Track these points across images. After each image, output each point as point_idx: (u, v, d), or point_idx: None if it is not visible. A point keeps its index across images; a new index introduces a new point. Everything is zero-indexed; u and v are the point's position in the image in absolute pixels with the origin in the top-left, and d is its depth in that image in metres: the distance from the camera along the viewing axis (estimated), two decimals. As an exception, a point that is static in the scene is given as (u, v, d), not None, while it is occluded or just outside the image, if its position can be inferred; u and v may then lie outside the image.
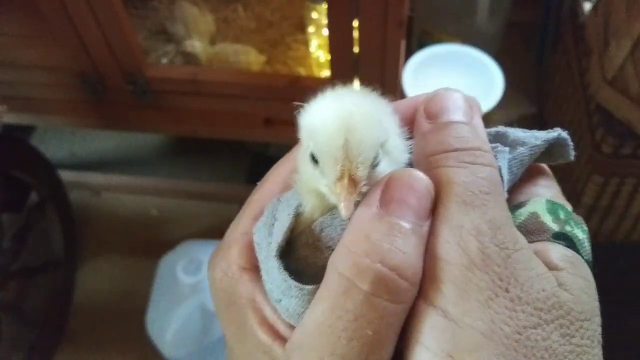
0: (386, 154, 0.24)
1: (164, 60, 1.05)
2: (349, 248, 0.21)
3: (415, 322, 0.21)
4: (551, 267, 0.22)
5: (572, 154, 0.28)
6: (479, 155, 0.23)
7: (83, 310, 1.25)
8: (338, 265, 0.21)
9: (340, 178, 0.22)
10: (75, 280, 1.26)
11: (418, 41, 1.34)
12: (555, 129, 0.27)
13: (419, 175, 0.22)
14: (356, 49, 0.84)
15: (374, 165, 0.23)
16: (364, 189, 0.23)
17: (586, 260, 0.24)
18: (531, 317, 0.20)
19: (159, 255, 1.15)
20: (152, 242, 1.28)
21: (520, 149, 0.26)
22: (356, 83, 0.75)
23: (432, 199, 0.22)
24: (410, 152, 0.25)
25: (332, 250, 0.23)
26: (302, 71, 1.03)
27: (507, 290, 0.20)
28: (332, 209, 0.24)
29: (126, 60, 0.92)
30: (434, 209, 0.22)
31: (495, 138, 0.27)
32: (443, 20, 1.28)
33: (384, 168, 0.24)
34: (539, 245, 0.23)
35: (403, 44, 0.88)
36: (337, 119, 0.23)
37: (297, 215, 0.25)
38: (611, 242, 1.23)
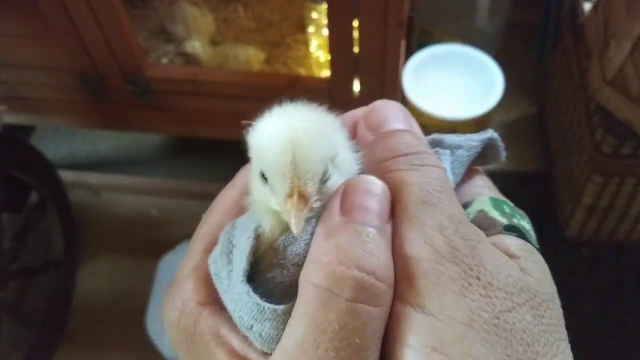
0: (336, 168, 0.24)
1: (164, 60, 1.05)
2: (321, 259, 0.21)
3: (395, 324, 0.21)
4: (510, 255, 0.23)
5: (503, 155, 0.29)
6: (426, 158, 0.24)
7: (83, 310, 1.25)
8: (313, 279, 0.21)
9: (289, 195, 0.22)
10: (75, 280, 1.26)
11: (418, 41, 1.34)
12: (488, 130, 0.28)
13: (374, 179, 0.23)
14: (356, 49, 0.84)
15: (323, 181, 0.23)
16: (316, 205, 0.23)
17: (536, 249, 0.25)
18: (505, 302, 0.21)
19: (159, 255, 1.15)
20: (152, 242, 1.28)
21: (459, 152, 0.27)
22: (302, 100, 0.75)
23: (390, 202, 0.23)
24: (360, 164, 0.25)
25: (299, 266, 0.22)
26: (302, 71, 1.03)
27: (478, 279, 0.21)
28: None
29: (126, 60, 0.92)
30: (393, 212, 0.23)
31: (433, 144, 0.27)
32: (443, 20, 1.28)
33: (335, 181, 0.24)
34: (494, 238, 0.24)
35: (403, 44, 0.88)
36: (284, 135, 0.23)
37: (258, 237, 0.24)
38: (611, 242, 1.23)
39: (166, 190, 1.35)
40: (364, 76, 0.88)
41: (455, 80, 1.09)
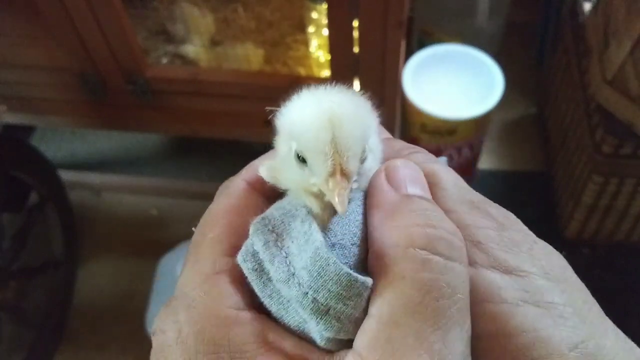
0: (370, 151, 0.24)
1: (164, 61, 1.05)
2: (403, 225, 0.21)
3: (477, 286, 0.22)
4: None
5: None
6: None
7: (83, 310, 1.25)
8: (403, 242, 0.20)
9: (332, 174, 0.22)
10: (75, 280, 1.26)
11: (418, 41, 1.34)
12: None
13: (412, 163, 0.24)
14: (356, 49, 0.84)
15: (362, 160, 0.23)
16: (354, 185, 0.23)
17: None
18: (560, 258, 0.25)
19: (159, 255, 1.15)
20: (152, 242, 1.28)
21: None
22: (356, 83, 0.75)
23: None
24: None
25: (358, 246, 0.22)
26: (302, 71, 1.03)
27: (535, 242, 0.25)
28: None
29: (126, 60, 0.92)
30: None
31: None
32: (443, 20, 1.28)
33: (370, 164, 0.24)
34: None
35: (403, 44, 0.88)
36: (322, 114, 0.23)
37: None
38: (611, 242, 1.23)
39: (166, 190, 1.35)
40: (364, 76, 0.88)
41: (455, 80, 1.09)
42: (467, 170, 1.18)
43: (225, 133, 1.04)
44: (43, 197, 1.15)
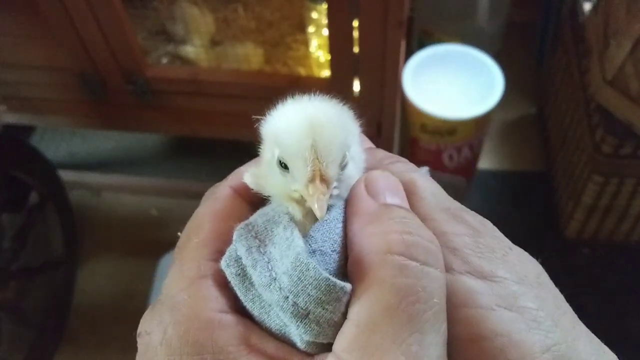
0: (351, 159, 0.24)
1: (164, 60, 1.05)
2: (381, 232, 0.21)
3: (453, 291, 0.22)
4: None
5: None
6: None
7: (83, 310, 1.25)
8: (381, 248, 0.21)
9: (312, 179, 0.22)
10: (75, 280, 1.26)
11: (418, 41, 1.34)
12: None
13: (391, 175, 0.24)
14: (356, 49, 0.84)
15: (342, 166, 0.24)
16: (335, 192, 0.23)
17: None
18: (537, 265, 0.25)
19: (159, 255, 1.15)
20: (152, 242, 1.28)
21: None
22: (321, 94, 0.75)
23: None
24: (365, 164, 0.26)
25: (338, 252, 0.22)
26: (302, 71, 1.03)
27: (510, 248, 0.25)
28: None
29: (126, 60, 0.92)
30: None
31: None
32: (443, 20, 1.28)
33: (351, 171, 0.24)
34: None
35: (403, 44, 0.88)
36: (303, 120, 0.23)
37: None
38: (611, 242, 1.23)
39: (166, 190, 1.35)
40: (364, 76, 0.88)
41: (455, 80, 1.09)
42: (467, 170, 1.18)
43: (225, 133, 1.04)
44: (43, 197, 1.15)
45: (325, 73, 1.03)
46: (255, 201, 0.25)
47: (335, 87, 0.90)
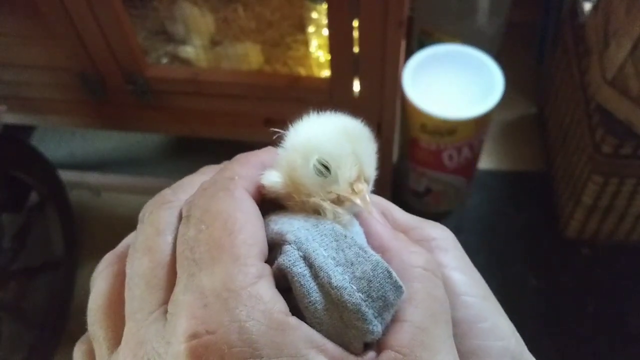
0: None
1: (164, 60, 1.05)
2: (414, 250, 0.25)
3: None
4: None
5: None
6: None
7: (83, 310, 1.24)
8: (420, 264, 0.25)
9: (357, 178, 0.24)
10: (75, 280, 1.26)
11: (418, 41, 1.34)
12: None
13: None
14: (356, 49, 0.84)
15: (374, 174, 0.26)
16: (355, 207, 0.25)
17: None
18: None
19: (159, 255, 1.15)
20: (152, 242, 1.28)
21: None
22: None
23: None
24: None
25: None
26: (302, 71, 1.03)
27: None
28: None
29: (126, 60, 0.92)
30: None
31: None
32: (443, 20, 1.28)
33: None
34: None
35: (403, 44, 0.88)
36: (341, 127, 0.25)
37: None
38: (611, 242, 1.23)
39: (166, 190, 1.35)
40: (364, 76, 0.88)
41: (455, 80, 1.09)
42: (467, 170, 1.18)
43: (225, 133, 1.04)
44: (43, 197, 1.16)
45: (325, 73, 1.03)
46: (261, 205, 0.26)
47: (335, 87, 0.90)
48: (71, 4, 0.84)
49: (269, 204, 0.26)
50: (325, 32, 0.95)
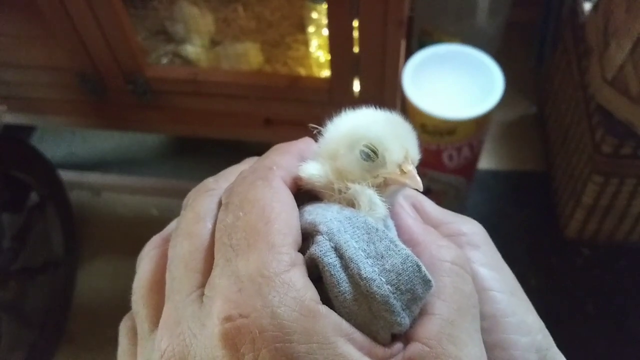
0: None
1: (164, 60, 1.05)
2: (444, 244, 0.26)
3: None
4: None
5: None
6: None
7: (83, 310, 1.25)
8: (449, 258, 0.25)
9: (406, 159, 0.26)
10: (75, 280, 1.26)
11: (418, 41, 1.34)
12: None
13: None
14: (356, 49, 0.84)
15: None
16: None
17: None
18: None
19: (159, 255, 1.15)
20: (152, 242, 1.28)
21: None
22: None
23: None
24: None
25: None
26: (302, 71, 1.03)
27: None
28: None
29: (126, 60, 0.92)
30: None
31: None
32: (443, 20, 1.28)
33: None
34: None
35: (403, 44, 0.88)
36: (383, 117, 0.27)
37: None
38: (611, 242, 1.23)
39: (166, 190, 1.35)
40: (364, 76, 0.88)
41: (455, 80, 1.09)
42: (467, 170, 1.18)
43: (225, 133, 1.04)
44: (43, 197, 1.16)
45: (325, 73, 1.03)
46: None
47: (335, 87, 0.90)
48: (71, 4, 0.84)
49: (305, 194, 0.26)
50: (325, 32, 0.95)
